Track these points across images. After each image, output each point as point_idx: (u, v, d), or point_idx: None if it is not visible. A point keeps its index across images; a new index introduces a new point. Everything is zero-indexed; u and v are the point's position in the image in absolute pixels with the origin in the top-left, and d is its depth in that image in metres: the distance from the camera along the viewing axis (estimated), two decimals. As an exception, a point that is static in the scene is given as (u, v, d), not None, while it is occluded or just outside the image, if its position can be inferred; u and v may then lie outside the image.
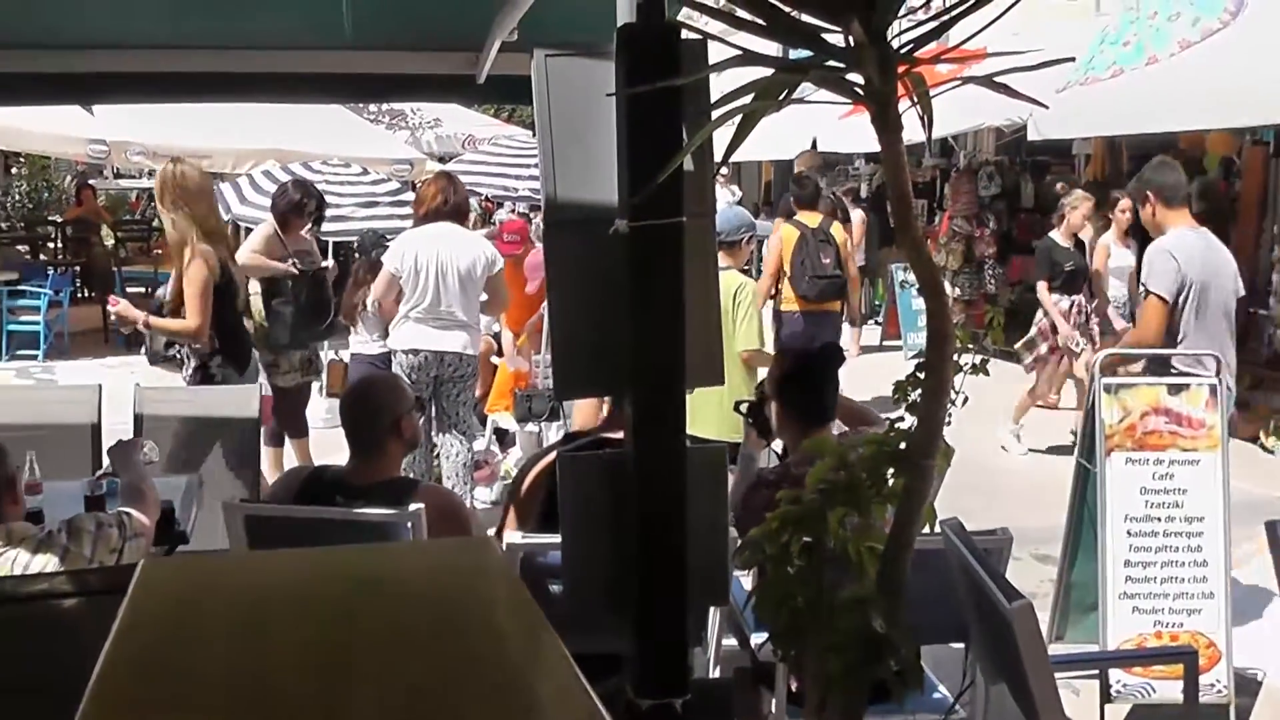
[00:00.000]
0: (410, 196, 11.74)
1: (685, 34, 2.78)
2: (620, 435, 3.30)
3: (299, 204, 8.16)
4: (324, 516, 4.09)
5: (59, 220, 20.51)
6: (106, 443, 5.94)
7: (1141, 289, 6.09)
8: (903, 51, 1.99)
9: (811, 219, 9.91)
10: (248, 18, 4.25)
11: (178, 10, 4.18)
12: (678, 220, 2.76)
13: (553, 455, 4.11)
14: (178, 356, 6.70)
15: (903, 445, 2.31)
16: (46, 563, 3.59)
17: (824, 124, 14.06)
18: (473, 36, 4.15)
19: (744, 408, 4.85)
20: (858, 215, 13.98)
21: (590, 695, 1.51)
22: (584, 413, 5.10)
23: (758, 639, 4.01)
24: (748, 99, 2.08)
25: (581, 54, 2.97)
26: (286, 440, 8.24)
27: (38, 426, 5.93)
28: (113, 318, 8.14)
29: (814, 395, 4.48)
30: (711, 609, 3.92)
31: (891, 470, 2.37)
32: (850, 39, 1.98)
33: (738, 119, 2.12)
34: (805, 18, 2.03)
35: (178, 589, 2.03)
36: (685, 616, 2.95)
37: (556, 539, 3.34)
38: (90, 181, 22.32)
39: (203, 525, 5.09)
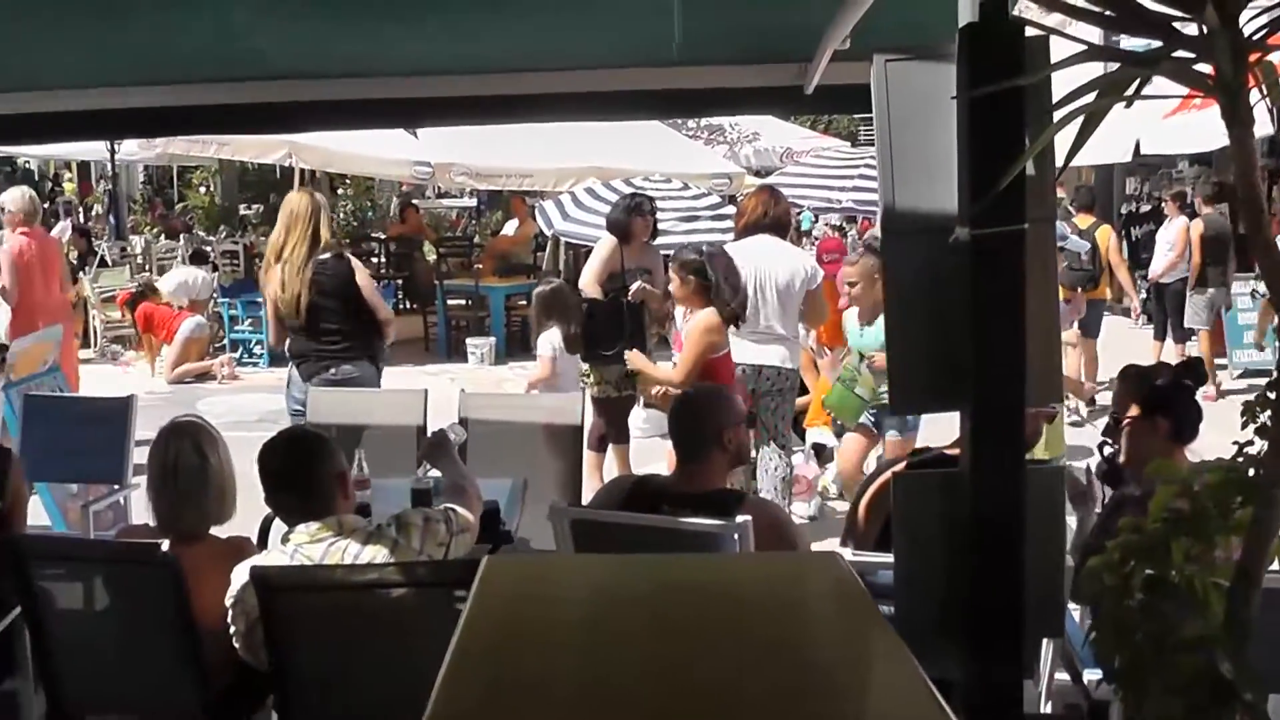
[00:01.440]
0: (730, 210, 11.76)
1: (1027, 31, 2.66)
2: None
3: (639, 214, 8.28)
4: (649, 524, 4.08)
5: (383, 237, 21.36)
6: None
7: None
8: (1255, 38, 1.82)
9: (1084, 221, 12.23)
10: (576, 40, 4.31)
11: (505, 35, 4.25)
12: (1020, 227, 2.63)
13: (891, 472, 4.02)
14: None
15: (1252, 472, 2.12)
16: (375, 554, 3.69)
17: (1148, 124, 13.17)
18: (802, 47, 4.08)
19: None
20: (1179, 221, 13.22)
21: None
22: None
23: (1092, 675, 3.84)
24: (1091, 96, 1.95)
25: (922, 57, 2.88)
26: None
27: (367, 427, 6.17)
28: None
29: (1190, 411, 4.36)
30: (1044, 640, 3.76)
31: (1239, 499, 2.18)
32: (1202, 26, 1.82)
33: (1078, 119, 1.98)
34: (1153, 5, 1.88)
35: (519, 587, 2.05)
36: (1020, 647, 2.82)
37: (887, 558, 3.24)
38: (414, 201, 23.20)
39: (526, 527, 5.22)
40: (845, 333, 7.94)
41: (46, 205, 12.43)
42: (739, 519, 3.92)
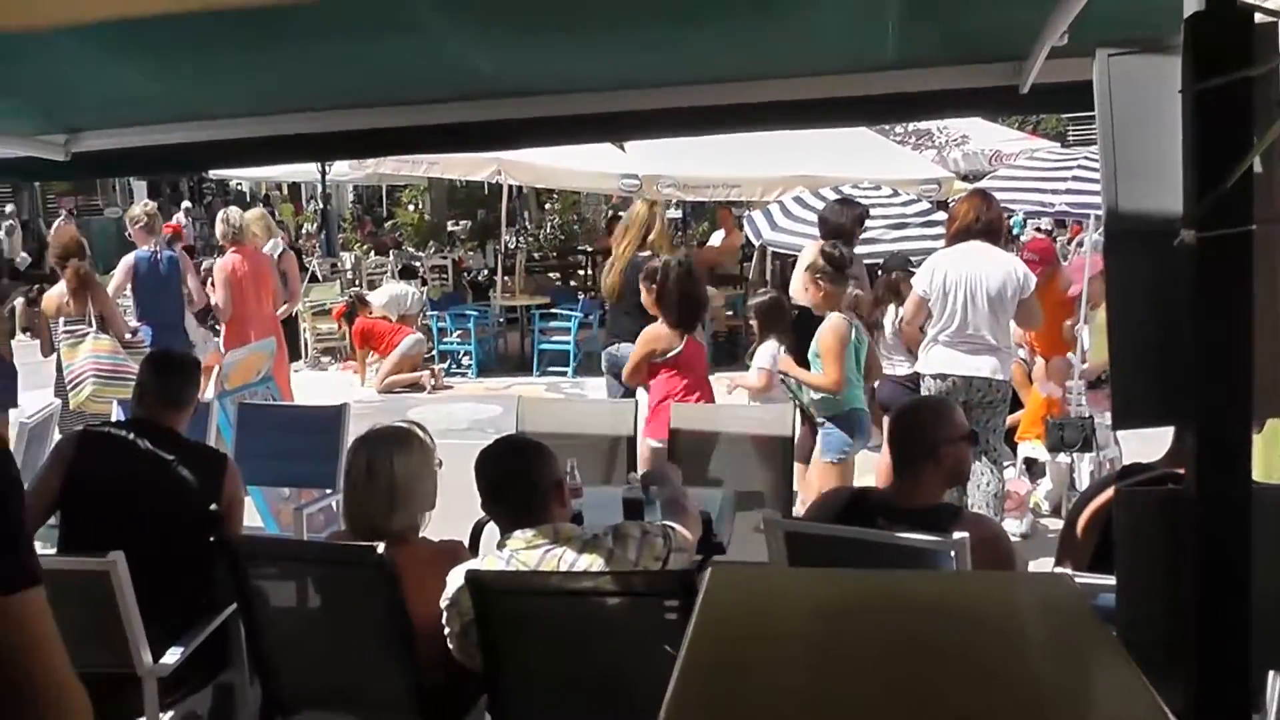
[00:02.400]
0: (940, 217, 11.55)
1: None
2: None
3: (855, 221, 8.21)
4: (865, 538, 4.01)
5: (589, 250, 21.57)
6: (641, 455, 6.15)
7: None
8: None
9: None
10: (786, 48, 4.24)
11: (712, 47, 4.21)
12: (1247, 229, 2.48)
13: (1110, 490, 3.86)
14: None
15: None
16: (591, 563, 3.69)
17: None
18: (1017, 44, 3.96)
19: None
20: None
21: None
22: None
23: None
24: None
25: (1148, 50, 2.74)
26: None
27: (579, 436, 6.22)
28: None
29: None
30: (1270, 674, 3.56)
31: None
32: None
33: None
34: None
35: (746, 599, 2.03)
36: (1247, 679, 2.66)
37: (1107, 580, 3.10)
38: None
39: (736, 538, 5.26)
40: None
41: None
42: (956, 535, 3.83)
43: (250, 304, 10.00)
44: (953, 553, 3.81)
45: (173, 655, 4.26)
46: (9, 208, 29.10)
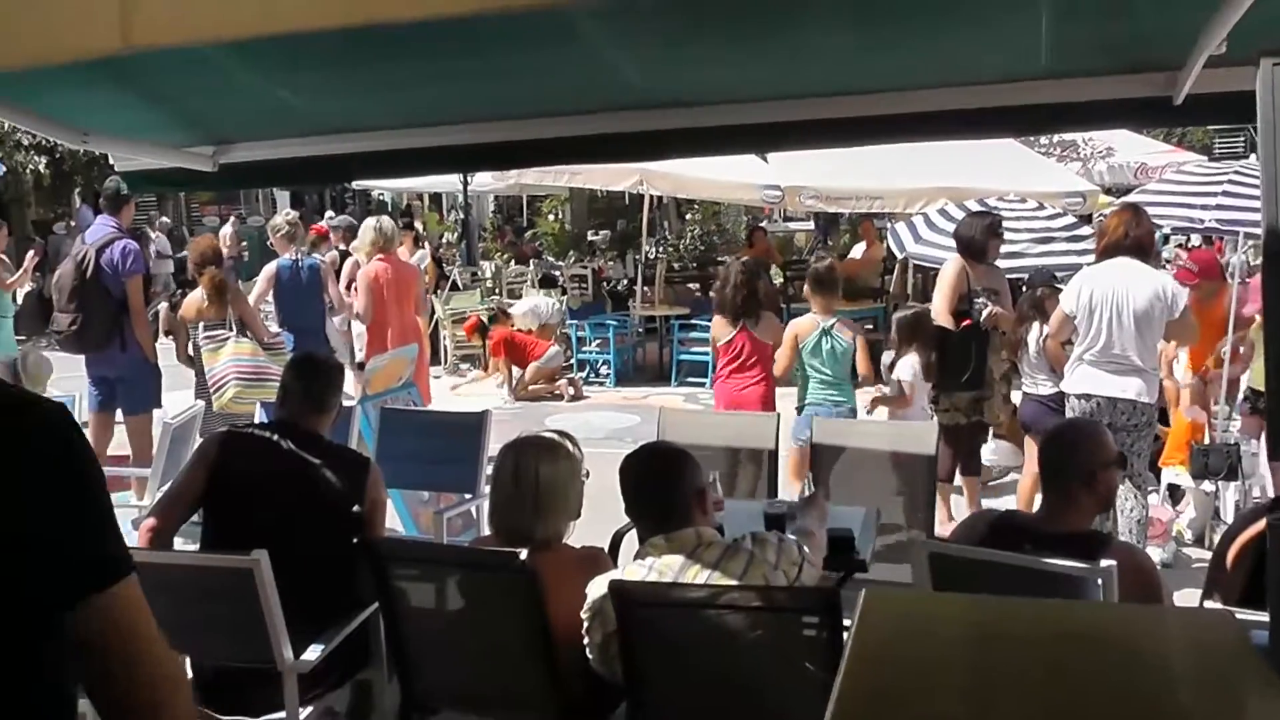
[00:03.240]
0: (1085, 231, 11.32)
1: None
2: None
3: (992, 232, 8.10)
4: (1010, 563, 3.93)
5: (728, 260, 21.52)
6: (782, 467, 6.13)
7: None
8: None
9: None
10: (935, 58, 4.18)
11: (859, 57, 4.17)
12: None
13: (1261, 523, 3.74)
14: None
15: None
16: (732, 570, 3.67)
17: None
18: (1172, 54, 3.84)
19: None
20: None
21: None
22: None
23: None
24: None
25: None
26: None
27: (720, 449, 6.21)
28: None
29: None
30: None
31: None
32: None
33: None
34: None
35: (901, 624, 2.00)
36: None
37: (1260, 616, 3.00)
38: (761, 224, 23.33)
39: (876, 556, 5.13)
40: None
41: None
42: (1103, 563, 3.74)
43: (391, 311, 10.14)
44: (1100, 581, 3.72)
45: (313, 652, 4.31)
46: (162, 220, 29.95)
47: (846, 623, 3.41)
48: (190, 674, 4.72)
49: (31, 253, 14.19)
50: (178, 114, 4.93)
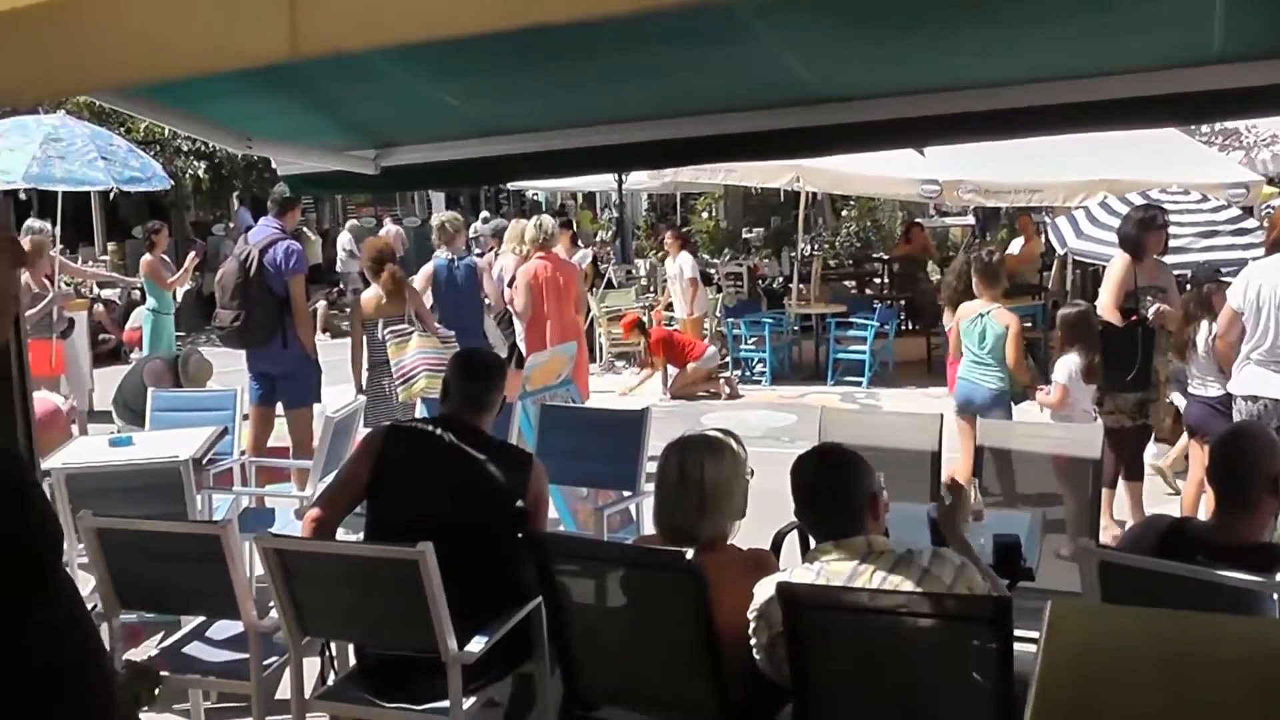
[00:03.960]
0: (1251, 224, 10.98)
1: None
2: None
3: (1152, 227, 7.92)
4: (1184, 574, 3.79)
5: (885, 257, 21.34)
6: (945, 471, 6.05)
7: None
8: None
9: None
10: (1099, 45, 4.06)
11: (1019, 46, 4.07)
12: None
13: None
14: None
15: None
16: (902, 581, 3.61)
17: None
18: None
19: None
20: None
21: None
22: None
23: None
24: None
25: None
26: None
27: (880, 449, 6.14)
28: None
29: None
30: None
31: None
32: None
33: None
34: None
35: (1089, 638, 1.95)
36: None
37: None
38: (918, 220, 23.08)
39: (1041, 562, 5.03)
40: None
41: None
42: (1280, 578, 3.59)
43: (550, 308, 10.24)
44: (1276, 596, 3.61)
45: (477, 644, 4.36)
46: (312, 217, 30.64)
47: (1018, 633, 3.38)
48: (354, 661, 4.84)
49: (192, 254, 14.64)
50: (341, 119, 5.05)
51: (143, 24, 2.77)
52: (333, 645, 5.02)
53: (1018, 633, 3.39)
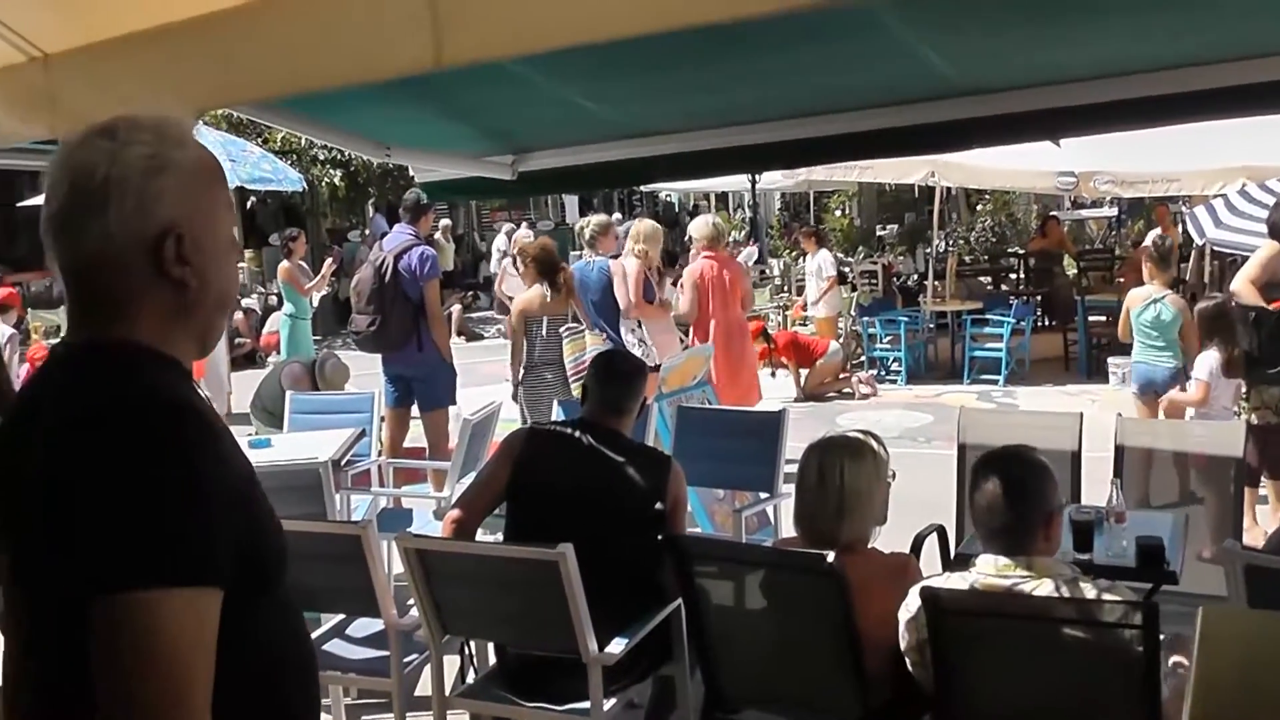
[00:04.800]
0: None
1: None
2: None
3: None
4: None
5: (1021, 252, 21.05)
6: (1085, 471, 5.95)
7: None
8: None
9: None
10: (1239, 25, 3.94)
11: (1155, 34, 3.97)
12: None
13: None
14: None
15: None
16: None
17: None
18: None
19: None
20: None
21: None
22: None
23: None
24: None
25: None
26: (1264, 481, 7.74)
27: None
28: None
29: None
30: None
31: None
32: None
33: None
34: None
35: (1244, 648, 1.92)
36: None
37: None
38: (1053, 213, 22.72)
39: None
40: None
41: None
42: None
43: (716, 308, 10.25)
44: None
45: (617, 645, 4.38)
46: (444, 222, 30.94)
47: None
48: (494, 660, 4.90)
49: (330, 260, 14.91)
50: (479, 126, 5.10)
51: (289, 39, 2.84)
52: (472, 644, 5.08)
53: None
